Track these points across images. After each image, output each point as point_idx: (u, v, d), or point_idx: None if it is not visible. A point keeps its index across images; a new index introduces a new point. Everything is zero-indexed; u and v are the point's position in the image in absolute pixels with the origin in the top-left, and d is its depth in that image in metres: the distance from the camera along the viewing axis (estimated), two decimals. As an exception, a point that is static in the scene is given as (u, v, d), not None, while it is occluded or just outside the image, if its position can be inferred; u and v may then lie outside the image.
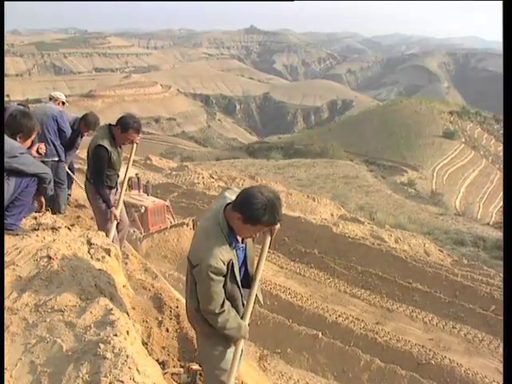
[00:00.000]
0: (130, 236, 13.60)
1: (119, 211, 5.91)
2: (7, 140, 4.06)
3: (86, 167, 6.13)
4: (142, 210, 13.68)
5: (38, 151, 5.25)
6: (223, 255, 2.90)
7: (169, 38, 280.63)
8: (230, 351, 3.32)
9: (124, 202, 14.69)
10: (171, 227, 14.26)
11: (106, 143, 5.47)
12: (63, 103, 7.82)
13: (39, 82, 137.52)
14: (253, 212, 2.88)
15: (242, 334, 3.24)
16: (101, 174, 5.62)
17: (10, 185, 4.02)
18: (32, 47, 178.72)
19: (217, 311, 3.01)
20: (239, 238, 3.12)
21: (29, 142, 4.43)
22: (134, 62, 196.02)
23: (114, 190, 5.98)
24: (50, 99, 7.78)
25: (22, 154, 4.10)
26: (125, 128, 5.46)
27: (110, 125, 5.60)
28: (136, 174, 15.01)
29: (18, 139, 4.23)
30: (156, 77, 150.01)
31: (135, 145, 5.92)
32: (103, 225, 5.87)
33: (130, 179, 14.83)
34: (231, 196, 3.13)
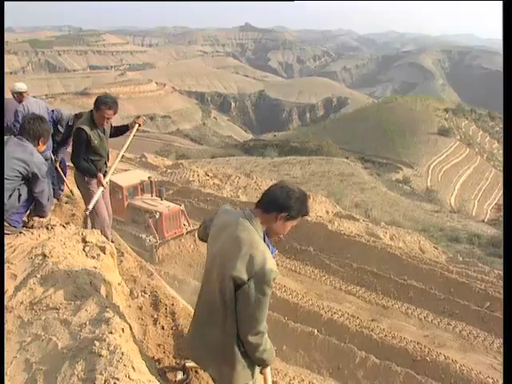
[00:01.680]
0: (144, 243, 13.40)
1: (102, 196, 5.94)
2: (36, 153, 4.27)
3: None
4: (157, 216, 13.45)
5: None
6: (272, 259, 2.75)
7: (163, 35, 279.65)
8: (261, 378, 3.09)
9: (137, 207, 14.51)
10: (187, 233, 14.01)
11: (85, 127, 5.58)
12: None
13: (33, 79, 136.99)
14: (298, 205, 2.84)
15: (274, 356, 2.97)
16: (78, 153, 5.70)
17: (24, 192, 4.21)
18: (26, 45, 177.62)
19: (264, 330, 2.76)
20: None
21: (47, 144, 4.65)
22: (128, 60, 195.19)
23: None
24: (19, 93, 7.09)
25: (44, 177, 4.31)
26: (97, 106, 5.58)
27: (91, 110, 5.70)
28: (149, 178, 14.69)
29: (40, 143, 4.41)
30: (151, 74, 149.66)
31: (135, 129, 6.04)
32: (94, 213, 5.91)
33: (142, 182, 14.56)
34: (232, 208, 3.02)
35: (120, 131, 6.20)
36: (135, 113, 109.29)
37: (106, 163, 6.06)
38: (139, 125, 6.07)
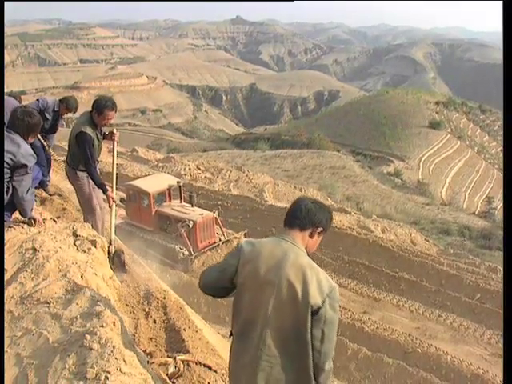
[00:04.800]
0: (177, 254, 12.61)
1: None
2: (24, 145, 4.23)
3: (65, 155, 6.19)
4: (190, 225, 12.52)
5: None
6: None
7: (154, 28, 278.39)
8: None
9: (166, 215, 13.73)
10: (223, 243, 13.11)
11: (88, 130, 5.63)
12: None
13: (23, 73, 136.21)
14: (331, 219, 2.91)
15: None
16: (91, 159, 5.72)
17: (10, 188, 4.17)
18: (15, 38, 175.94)
19: None
20: None
21: (36, 137, 4.79)
22: (119, 53, 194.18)
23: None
24: None
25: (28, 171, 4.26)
26: (100, 110, 5.63)
27: (90, 111, 5.75)
28: (178, 182, 13.78)
29: (30, 138, 4.42)
30: (142, 68, 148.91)
31: (116, 143, 6.04)
32: (86, 206, 6.04)
33: (170, 187, 13.68)
34: (254, 240, 2.87)
35: None
36: (126, 107, 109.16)
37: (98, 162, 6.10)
38: (117, 142, 6.09)
